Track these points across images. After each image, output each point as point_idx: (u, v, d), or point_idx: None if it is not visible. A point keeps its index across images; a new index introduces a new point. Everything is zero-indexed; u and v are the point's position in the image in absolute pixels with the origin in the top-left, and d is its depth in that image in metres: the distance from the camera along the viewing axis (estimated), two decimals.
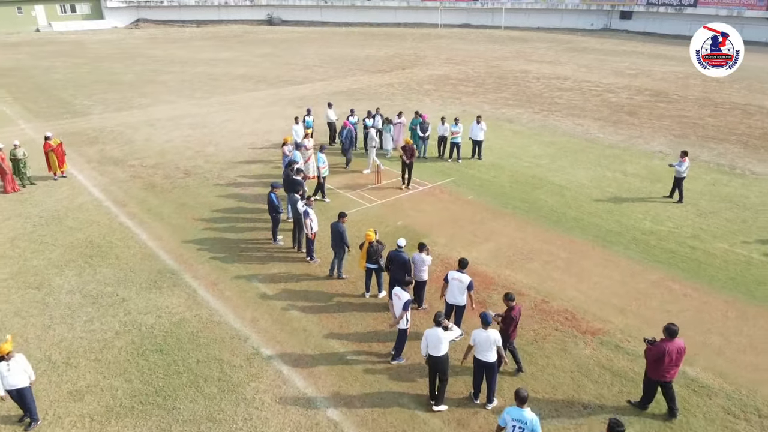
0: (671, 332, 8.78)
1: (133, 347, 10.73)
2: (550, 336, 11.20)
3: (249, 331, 11.25)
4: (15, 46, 50.63)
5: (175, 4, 68.65)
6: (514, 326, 9.79)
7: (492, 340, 8.95)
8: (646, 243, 14.90)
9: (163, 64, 41.82)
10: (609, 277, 13.26)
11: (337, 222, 12.85)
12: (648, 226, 15.88)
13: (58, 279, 13.00)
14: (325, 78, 36.99)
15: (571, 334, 11.24)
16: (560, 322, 11.62)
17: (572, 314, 11.86)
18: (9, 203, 17.07)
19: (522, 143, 23.43)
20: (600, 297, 12.49)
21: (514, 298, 9.83)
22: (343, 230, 12.73)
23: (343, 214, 12.96)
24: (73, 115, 27.38)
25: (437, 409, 9.25)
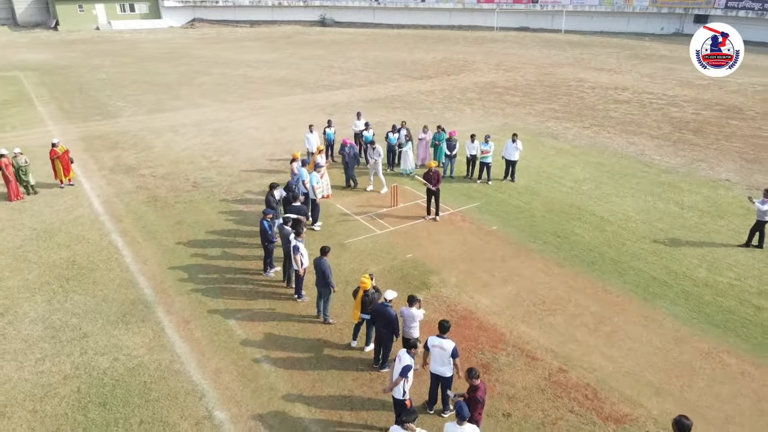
0: (682, 428, 6.67)
1: (76, 398, 9.47)
2: (562, 420, 9.15)
3: (208, 385, 9.78)
4: (71, 44, 51.93)
5: (230, 4, 69.11)
6: (480, 409, 7.87)
7: None
8: (698, 298, 12.49)
9: (206, 65, 41.55)
10: (647, 342, 11.01)
11: (319, 258, 11.21)
12: (703, 275, 13.40)
13: (26, 305, 12.00)
14: (364, 83, 35.51)
15: (590, 419, 9.15)
16: (578, 401, 9.53)
17: (594, 391, 9.74)
18: (8, 212, 16.43)
19: (564, 163, 21.07)
20: (633, 369, 10.28)
21: (479, 375, 7.97)
22: (325, 268, 11.07)
23: (325, 249, 11.30)
24: (103, 117, 27.05)
25: None
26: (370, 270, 13.46)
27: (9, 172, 16.68)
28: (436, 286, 12.90)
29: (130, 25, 64.46)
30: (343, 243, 14.84)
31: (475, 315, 11.85)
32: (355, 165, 18.30)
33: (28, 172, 17.06)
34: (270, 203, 13.83)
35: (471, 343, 10.98)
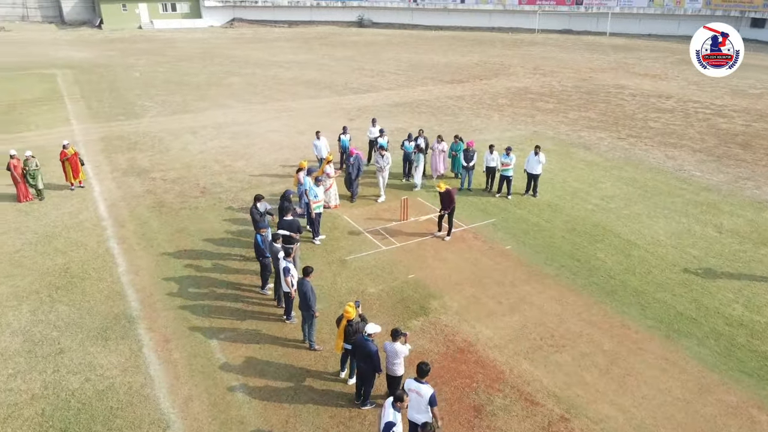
0: None
1: (39, 421, 8.99)
2: None
3: (176, 415, 9.14)
4: (112, 43, 52.95)
5: (269, 4, 69.40)
6: None
7: None
8: (730, 339, 11.16)
9: (238, 65, 41.52)
10: (665, 390, 9.81)
11: (301, 279, 10.44)
12: (738, 312, 12.03)
13: (10, 314, 11.68)
14: (393, 87, 34.68)
15: None
16: None
17: None
18: (15, 214, 16.33)
19: (593, 178, 19.72)
20: (645, 422, 9.13)
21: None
22: (307, 290, 10.29)
23: (308, 270, 10.51)
24: (127, 117, 27.09)
25: None
26: (368, 291, 12.69)
27: (18, 174, 16.57)
28: (435, 312, 11.97)
29: (171, 25, 65.47)
30: (345, 259, 14.06)
31: (475, 348, 10.87)
32: (358, 176, 17.36)
33: (36, 176, 16.90)
34: (253, 216, 13.17)
35: (465, 381, 10.01)
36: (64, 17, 65.27)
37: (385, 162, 17.24)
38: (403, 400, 7.58)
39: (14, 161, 16.66)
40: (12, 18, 64.75)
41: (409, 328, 11.39)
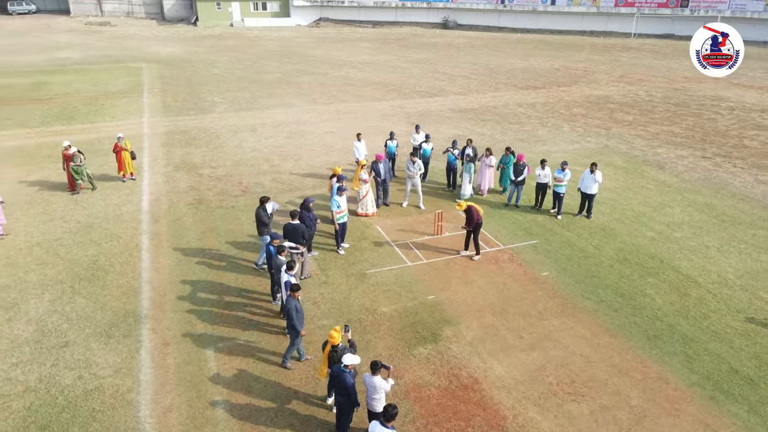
0: None
1: (23, 415, 9.07)
2: None
3: (151, 426, 8.91)
4: (202, 39, 55.38)
5: (355, 4, 69.94)
6: None
7: None
8: None
9: (313, 64, 41.94)
10: None
11: (288, 296, 9.86)
12: None
13: (32, 302, 12.05)
14: (462, 92, 33.53)
15: None
16: None
17: None
18: (65, 202, 17.05)
19: (662, 201, 17.77)
20: None
21: None
22: (290, 308, 9.69)
23: (295, 287, 9.90)
24: (196, 112, 27.92)
25: None
26: (380, 309, 11.96)
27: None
28: (446, 340, 11.04)
29: (261, 23, 67.64)
30: (365, 273, 13.40)
31: (480, 386, 9.85)
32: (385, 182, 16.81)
33: (81, 172, 17.36)
34: (260, 218, 12.79)
35: (460, 423, 9.05)
36: (165, 14, 69.24)
37: (416, 169, 16.47)
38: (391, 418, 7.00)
39: (67, 152, 17.35)
40: (119, 14, 69.61)
41: (413, 356, 10.59)
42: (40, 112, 27.14)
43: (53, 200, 17.08)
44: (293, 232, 12.22)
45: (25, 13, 68.26)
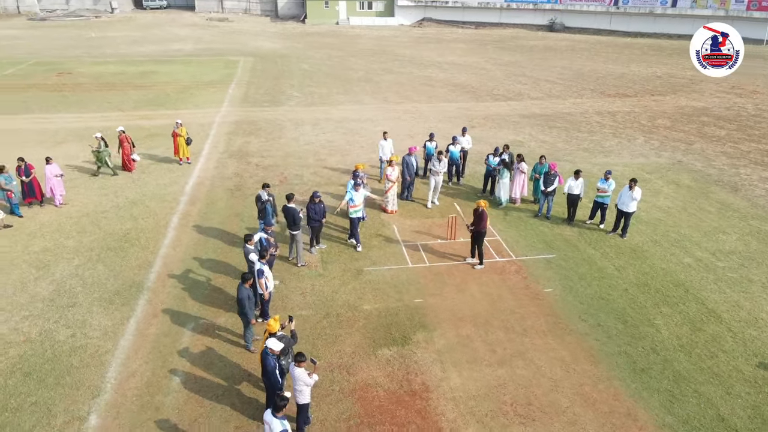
0: None
1: (15, 362, 10.28)
2: None
3: (111, 386, 9.75)
4: (305, 36, 57.78)
5: (459, 4, 69.31)
6: None
7: None
8: None
9: (399, 64, 42.30)
10: None
11: (240, 284, 10.18)
12: None
13: (61, 265, 13.49)
14: (541, 97, 32.22)
15: None
16: None
17: None
18: (123, 180, 18.74)
19: (717, 226, 16.06)
20: None
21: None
22: (242, 297, 10.02)
23: (245, 277, 10.23)
24: (271, 105, 29.35)
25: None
26: (362, 307, 12.03)
27: (125, 147, 18.85)
28: (414, 344, 10.87)
29: (365, 22, 69.19)
30: (363, 270, 13.50)
31: (429, 395, 9.63)
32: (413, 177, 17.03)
33: (101, 158, 18.50)
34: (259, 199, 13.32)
35: (393, 428, 8.94)
36: (278, 12, 73.07)
37: (442, 167, 16.37)
38: (279, 409, 7.30)
39: (123, 136, 18.91)
40: (237, 11, 74.54)
41: (375, 356, 10.57)
42: (136, 97, 29.94)
43: (114, 178, 18.83)
44: (286, 213, 12.71)
45: (157, 8, 75.20)
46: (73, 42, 48.51)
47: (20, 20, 62.96)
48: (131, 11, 73.53)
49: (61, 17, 66.51)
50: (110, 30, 57.32)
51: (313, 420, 9.06)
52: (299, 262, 13.35)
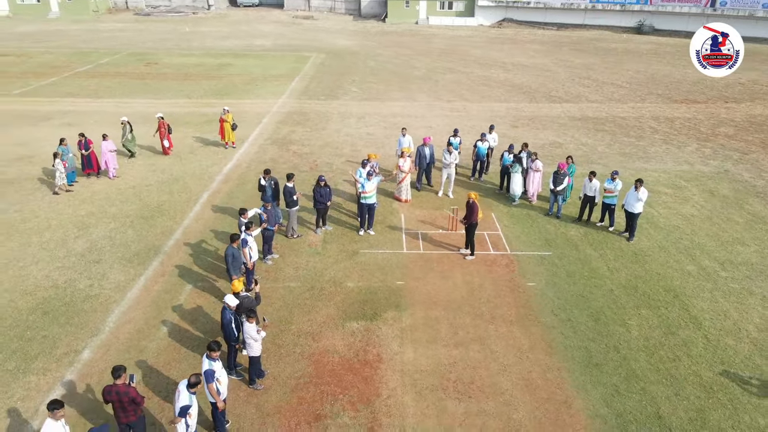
0: None
1: (39, 301, 12.05)
2: None
3: (108, 330, 11.25)
4: (381, 35, 59.09)
5: (541, 5, 67.90)
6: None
7: None
8: None
9: (464, 63, 42.49)
10: None
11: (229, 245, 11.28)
12: None
13: (99, 228, 15.38)
14: (599, 100, 31.38)
15: None
16: None
17: None
18: (172, 159, 20.66)
19: (739, 237, 15.40)
20: None
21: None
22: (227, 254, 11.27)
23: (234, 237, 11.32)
24: (326, 98, 30.75)
25: None
26: (346, 284, 12.92)
27: (161, 132, 20.60)
28: (382, 321, 11.58)
29: (444, 21, 69.52)
30: (358, 251, 14.34)
31: (380, 365, 10.34)
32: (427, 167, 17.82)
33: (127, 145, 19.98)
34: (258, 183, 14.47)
35: (336, 390, 9.74)
36: (361, 11, 75.06)
37: (452, 159, 16.95)
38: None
39: (161, 122, 20.68)
40: (323, 9, 77.35)
41: (342, 327, 11.41)
42: (206, 87, 32.41)
43: (164, 157, 20.80)
44: (284, 191, 13.89)
45: (249, 6, 79.59)
46: (167, 36, 52.72)
47: (127, 15, 69.05)
48: (226, 8, 78.29)
49: (163, 13, 72.18)
50: (203, 25, 61.59)
51: (268, 374, 10.02)
52: (291, 234, 14.52)
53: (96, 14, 67.78)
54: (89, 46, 44.90)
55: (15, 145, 21.44)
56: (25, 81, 32.52)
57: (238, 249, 11.51)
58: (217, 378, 8.27)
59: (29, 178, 18.53)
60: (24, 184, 18.11)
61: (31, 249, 14.17)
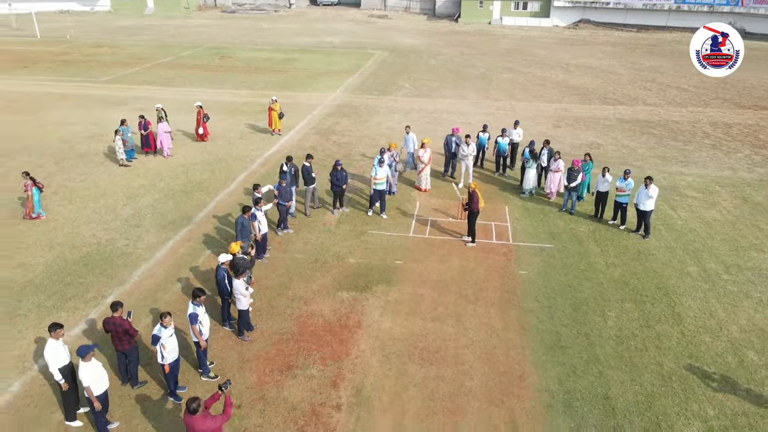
0: None
1: (83, 255, 13.97)
2: None
3: (132, 282, 12.90)
4: (450, 34, 59.53)
5: (621, 6, 65.70)
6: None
7: None
8: None
9: (525, 64, 42.27)
10: None
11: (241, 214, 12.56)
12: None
13: (146, 198, 17.32)
14: (655, 103, 30.51)
15: None
16: None
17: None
18: (222, 143, 22.54)
19: (757, 244, 15.07)
20: None
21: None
22: (237, 221, 12.43)
23: (246, 209, 12.54)
24: (379, 93, 31.89)
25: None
26: (348, 260, 13.98)
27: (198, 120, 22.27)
28: (371, 293, 12.55)
29: (517, 22, 68.87)
30: (366, 232, 15.34)
31: (357, 330, 11.33)
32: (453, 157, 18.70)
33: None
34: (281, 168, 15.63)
35: (312, 346, 10.83)
36: (436, 10, 75.75)
37: (470, 150, 17.47)
38: (198, 297, 9.52)
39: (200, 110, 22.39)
40: (398, 9, 78.70)
41: (333, 296, 12.50)
42: (268, 79, 34.50)
43: (215, 141, 22.73)
44: (303, 170, 15.51)
45: (328, 5, 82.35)
46: (246, 32, 55.93)
47: (215, 12, 73.58)
48: (306, 7, 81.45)
49: (247, 10, 76.28)
50: (281, 23, 64.64)
51: (256, 329, 11.25)
52: (313, 206, 15.72)
53: (187, 11, 72.72)
54: (174, 40, 48.65)
55: (90, 124, 24.17)
56: (113, 70, 36.04)
57: (248, 219, 12.82)
58: (200, 321, 9.56)
59: (97, 153, 20.95)
60: (92, 158, 20.53)
61: (86, 212, 16.26)
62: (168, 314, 9.13)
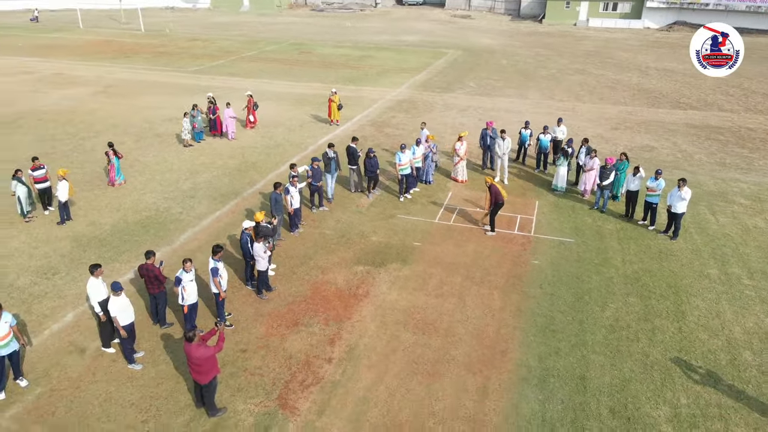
0: None
1: (142, 218, 15.95)
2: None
3: (165, 243, 14.60)
4: (530, 35, 58.79)
5: (722, 7, 61.91)
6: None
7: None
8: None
9: (601, 66, 41.23)
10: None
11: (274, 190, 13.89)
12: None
13: (205, 174, 19.23)
14: (732, 109, 29.07)
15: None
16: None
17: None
18: (286, 130, 24.28)
19: None
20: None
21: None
22: (272, 197, 13.76)
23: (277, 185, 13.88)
24: (442, 90, 32.61)
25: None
26: (371, 238, 15.05)
27: (248, 108, 23.89)
28: (384, 268, 13.49)
29: (605, 23, 66.67)
30: (394, 215, 16.28)
31: (365, 298, 12.34)
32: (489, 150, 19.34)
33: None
34: (325, 155, 16.76)
35: (320, 308, 11.96)
36: (520, 11, 74.87)
37: (506, 146, 17.77)
38: (217, 253, 10.85)
39: (250, 99, 23.97)
40: (482, 9, 78.50)
41: (349, 268, 13.60)
42: (341, 74, 36.14)
43: (279, 128, 24.48)
44: (347, 151, 17.22)
45: (413, 5, 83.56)
46: (330, 29, 58.28)
47: (304, 10, 76.95)
48: (391, 6, 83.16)
49: (335, 9, 79.09)
50: (364, 21, 66.62)
51: (275, 290, 12.53)
52: (352, 188, 16.95)
53: (279, 9, 76.63)
54: (261, 36, 51.76)
55: (171, 108, 26.73)
56: (201, 61, 39.20)
57: (280, 195, 14.16)
58: (219, 274, 10.92)
59: (171, 134, 23.29)
60: (167, 138, 22.87)
61: (152, 184, 18.37)
62: (189, 260, 10.56)
